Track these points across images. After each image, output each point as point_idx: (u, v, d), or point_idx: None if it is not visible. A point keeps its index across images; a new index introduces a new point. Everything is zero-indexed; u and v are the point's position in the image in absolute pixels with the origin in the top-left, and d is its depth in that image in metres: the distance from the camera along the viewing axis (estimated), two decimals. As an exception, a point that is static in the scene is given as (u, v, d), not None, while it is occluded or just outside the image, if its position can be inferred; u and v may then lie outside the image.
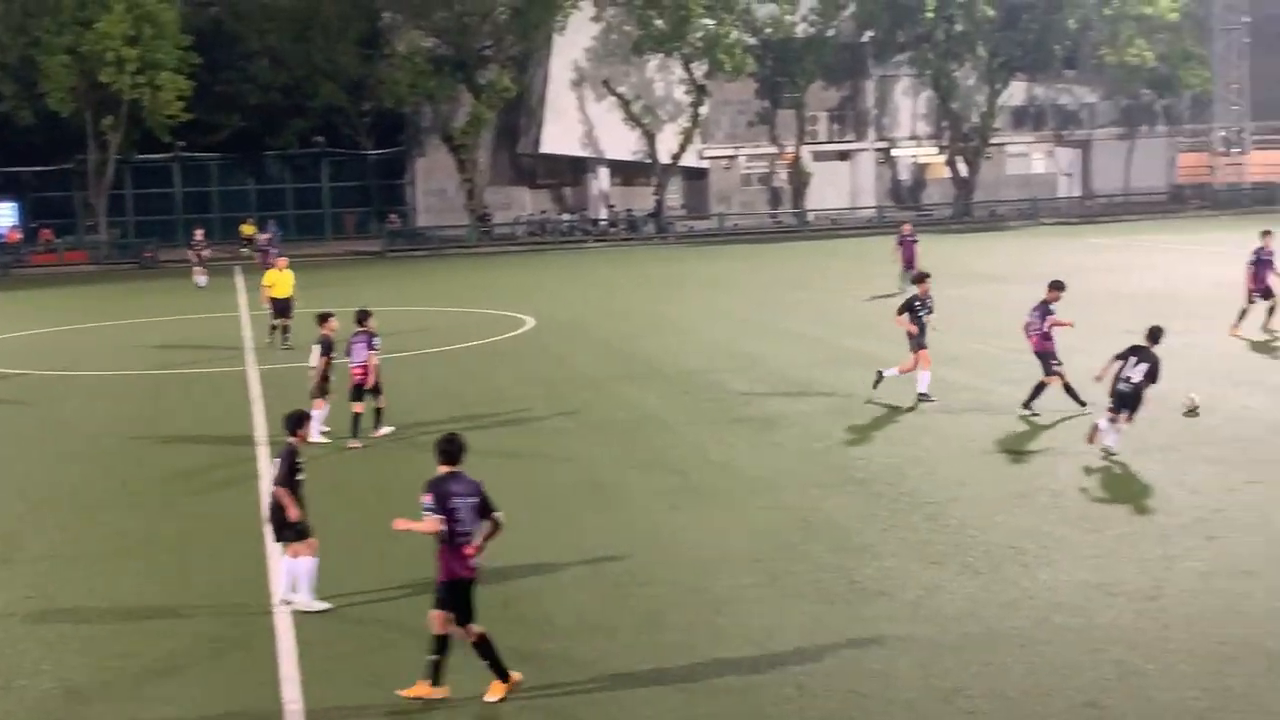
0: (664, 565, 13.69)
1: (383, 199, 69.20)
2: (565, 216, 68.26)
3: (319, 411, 19.42)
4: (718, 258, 53.23)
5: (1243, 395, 20.92)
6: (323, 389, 19.92)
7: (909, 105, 71.69)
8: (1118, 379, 17.33)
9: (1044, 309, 20.15)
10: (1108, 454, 17.04)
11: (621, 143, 66.64)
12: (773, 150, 70.06)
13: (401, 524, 10.73)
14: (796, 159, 68.21)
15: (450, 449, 10.59)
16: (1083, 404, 19.39)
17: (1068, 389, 19.73)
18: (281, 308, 30.12)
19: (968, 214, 67.05)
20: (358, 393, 19.68)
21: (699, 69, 64.08)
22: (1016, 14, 65.21)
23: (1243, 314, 26.57)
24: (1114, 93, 71.25)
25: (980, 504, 15.47)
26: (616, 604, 12.63)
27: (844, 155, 71.53)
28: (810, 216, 68.01)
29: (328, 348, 20.07)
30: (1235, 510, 14.77)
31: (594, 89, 66.11)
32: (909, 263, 36.12)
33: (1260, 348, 25.36)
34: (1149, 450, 17.52)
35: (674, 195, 68.69)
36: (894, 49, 68.22)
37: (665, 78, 67.43)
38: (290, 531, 12.41)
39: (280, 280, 30.34)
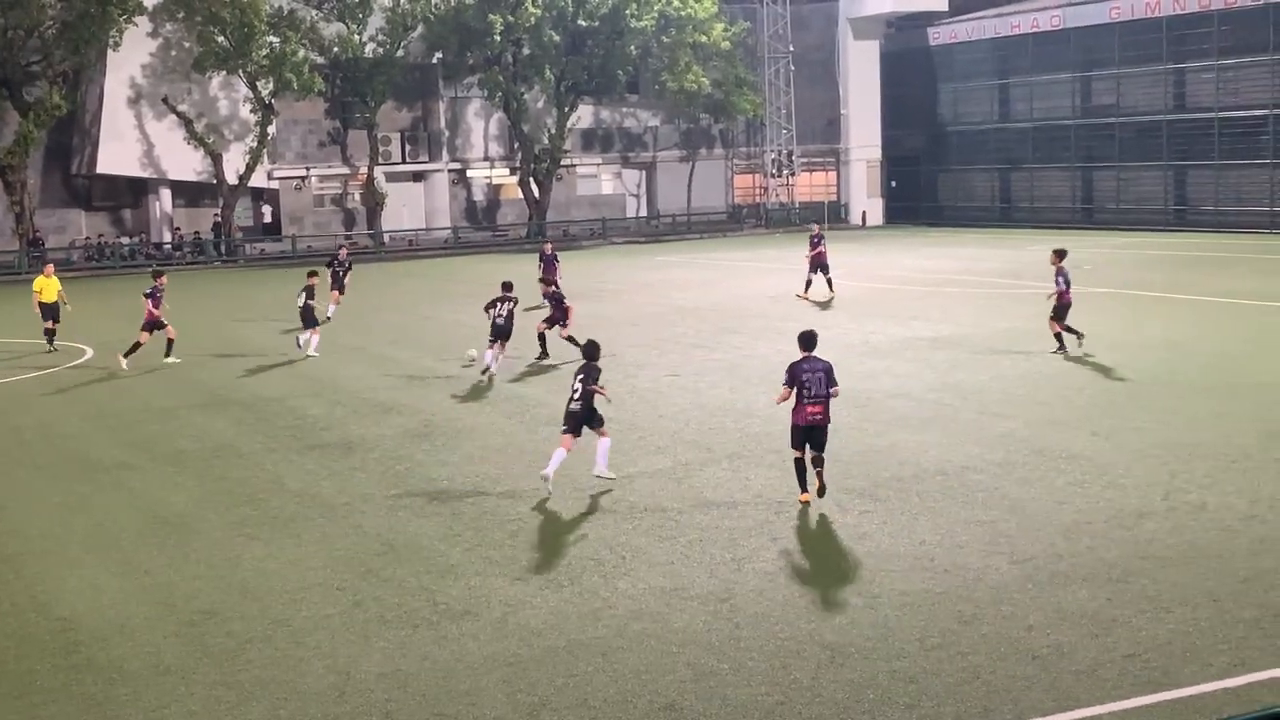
0: (241, 600, 13.20)
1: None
2: (126, 240, 65.06)
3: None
4: (290, 280, 52.01)
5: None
6: None
7: (481, 127, 72.44)
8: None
9: None
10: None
11: (185, 163, 64.16)
12: (345, 171, 69.22)
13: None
14: (370, 180, 67.63)
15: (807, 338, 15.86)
16: None
17: None
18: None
19: (540, 234, 68.40)
20: None
21: (265, 87, 62.55)
22: (581, 40, 67.08)
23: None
24: (674, 116, 74.43)
25: (561, 518, 15.76)
26: (191, 644, 12.08)
27: (418, 176, 71.46)
28: (386, 238, 67.59)
29: None
30: (794, 512, 15.63)
31: (153, 107, 63.36)
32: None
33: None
34: (717, 459, 18.35)
35: (243, 217, 66.76)
36: (464, 71, 68.76)
37: (230, 96, 65.46)
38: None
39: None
